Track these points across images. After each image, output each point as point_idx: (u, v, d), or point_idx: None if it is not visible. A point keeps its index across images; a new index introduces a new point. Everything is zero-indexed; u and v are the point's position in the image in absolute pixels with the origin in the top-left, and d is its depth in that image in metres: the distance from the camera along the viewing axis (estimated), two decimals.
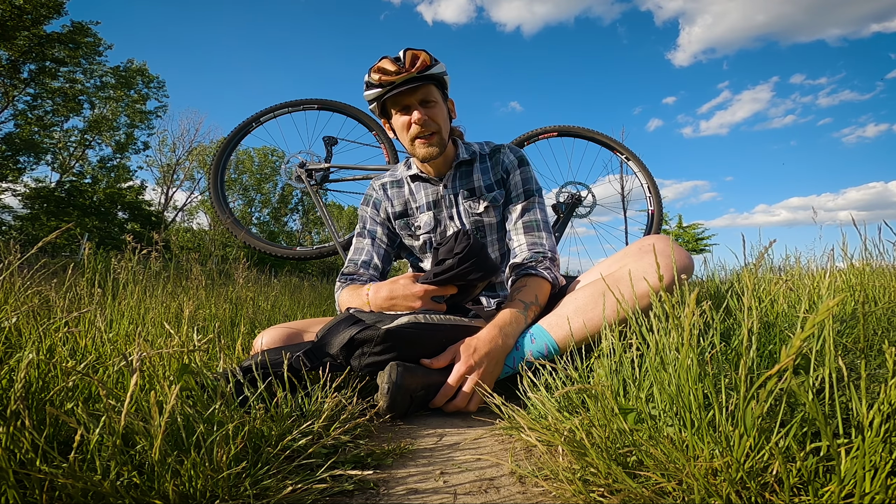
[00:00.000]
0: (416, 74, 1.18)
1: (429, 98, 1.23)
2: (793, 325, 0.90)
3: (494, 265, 1.09)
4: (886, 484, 0.43)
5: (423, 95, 1.22)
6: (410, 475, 0.65)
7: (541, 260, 1.21)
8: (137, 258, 1.46)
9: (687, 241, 14.33)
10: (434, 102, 1.24)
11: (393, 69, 1.17)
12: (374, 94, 1.22)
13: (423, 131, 1.23)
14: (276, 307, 2.21)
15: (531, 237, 1.27)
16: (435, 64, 1.21)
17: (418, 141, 1.25)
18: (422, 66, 1.17)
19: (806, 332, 0.43)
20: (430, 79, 1.21)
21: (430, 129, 1.24)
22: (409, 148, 1.29)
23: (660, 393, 0.62)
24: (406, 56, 1.18)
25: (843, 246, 1.47)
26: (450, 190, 1.34)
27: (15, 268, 1.04)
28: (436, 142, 1.25)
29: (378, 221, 1.40)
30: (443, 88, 1.28)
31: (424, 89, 1.22)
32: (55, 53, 14.71)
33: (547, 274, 1.17)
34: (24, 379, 0.54)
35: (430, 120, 1.23)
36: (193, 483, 0.51)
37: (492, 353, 0.96)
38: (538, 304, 1.10)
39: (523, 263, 1.21)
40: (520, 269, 1.20)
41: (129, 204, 18.14)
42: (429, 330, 0.95)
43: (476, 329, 1.02)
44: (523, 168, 1.35)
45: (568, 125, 2.70)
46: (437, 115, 1.24)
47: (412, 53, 1.18)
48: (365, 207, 1.43)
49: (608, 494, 0.53)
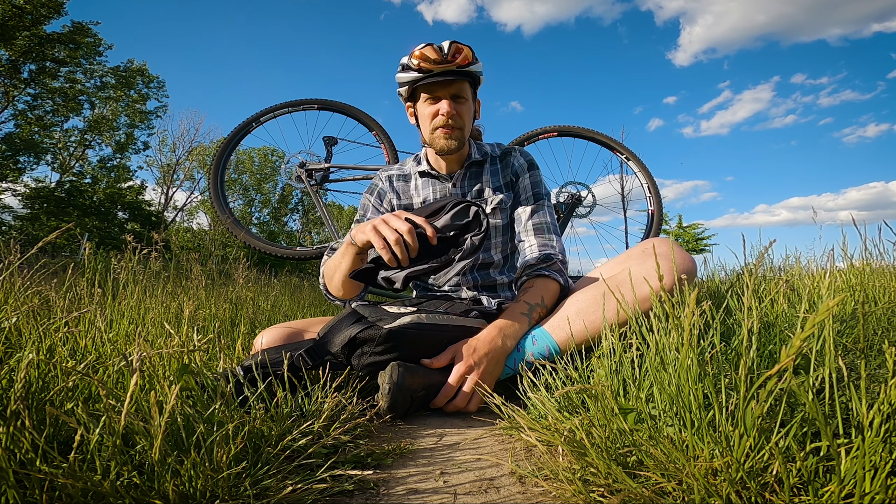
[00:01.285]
0: (456, 68, 1.18)
1: (461, 94, 1.23)
2: (793, 325, 0.90)
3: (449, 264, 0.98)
4: (886, 484, 0.43)
5: (456, 90, 1.22)
6: (410, 475, 0.65)
7: (552, 262, 1.20)
8: (137, 258, 1.46)
9: (687, 241, 14.33)
10: (465, 99, 1.25)
11: (434, 58, 1.17)
12: (409, 77, 1.22)
13: (448, 124, 1.23)
14: (276, 307, 2.21)
15: (542, 238, 1.26)
16: (475, 62, 1.22)
17: (440, 131, 1.25)
18: (463, 60, 1.18)
19: (806, 332, 0.43)
20: (467, 75, 1.22)
21: (456, 124, 1.24)
22: (428, 137, 1.28)
23: (660, 393, 0.62)
24: (450, 48, 1.18)
25: (843, 246, 1.47)
26: (458, 189, 1.35)
27: (15, 268, 1.04)
28: (456, 136, 1.25)
29: (381, 211, 1.38)
30: (475, 87, 1.29)
31: (459, 84, 1.22)
32: (55, 53, 14.70)
33: (558, 276, 1.17)
34: (24, 379, 0.54)
35: (457, 115, 1.24)
36: (193, 483, 0.51)
37: (491, 354, 0.96)
38: (544, 305, 1.09)
39: (535, 264, 1.20)
40: (531, 269, 1.19)
41: (129, 204, 18.14)
42: (431, 330, 0.95)
43: (477, 330, 1.02)
44: (533, 172, 1.35)
45: (568, 125, 2.70)
46: (464, 111, 1.25)
47: (456, 46, 1.18)
48: (368, 196, 1.42)
49: (608, 494, 0.53)
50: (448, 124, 1.23)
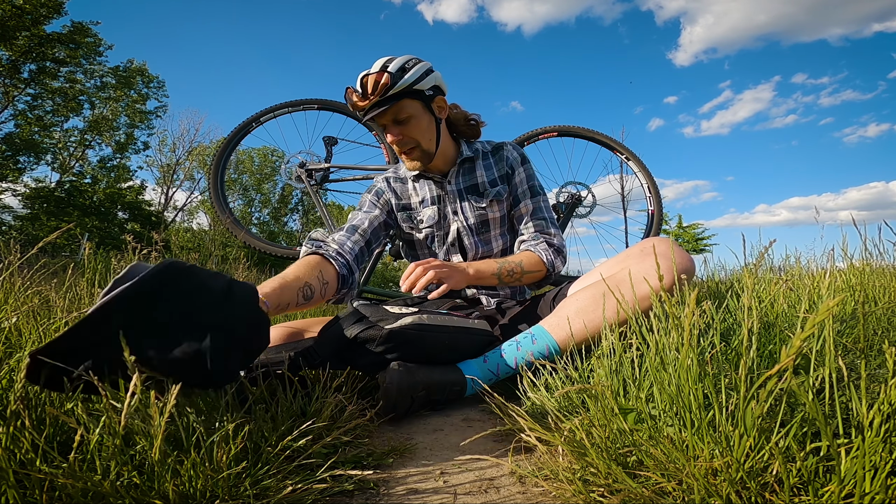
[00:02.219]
0: (380, 98, 1.18)
1: (400, 116, 1.22)
2: (793, 325, 0.90)
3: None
4: (886, 484, 0.43)
5: (393, 115, 1.22)
6: (410, 475, 0.65)
7: (541, 241, 1.30)
8: (137, 258, 1.46)
9: (687, 241, 14.33)
10: (408, 117, 1.22)
11: (357, 98, 1.20)
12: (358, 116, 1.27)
13: (401, 148, 1.26)
14: None
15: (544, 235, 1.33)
16: (399, 79, 1.17)
17: (403, 156, 1.29)
18: (381, 89, 1.16)
19: (806, 332, 0.43)
20: (397, 97, 1.19)
21: (408, 144, 1.26)
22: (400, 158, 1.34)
23: (660, 393, 0.62)
24: (366, 83, 1.17)
25: (844, 246, 1.47)
26: (454, 186, 1.36)
27: (15, 268, 1.04)
28: (417, 156, 1.27)
29: (378, 205, 1.37)
30: (419, 98, 1.23)
31: (394, 109, 1.20)
32: (55, 53, 14.68)
33: (543, 255, 1.27)
34: (24, 379, 0.54)
35: (405, 138, 1.24)
36: (193, 483, 0.51)
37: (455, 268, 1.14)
38: (521, 267, 1.23)
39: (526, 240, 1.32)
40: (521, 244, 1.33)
41: (129, 204, 18.13)
42: (432, 331, 0.95)
43: (479, 331, 1.03)
44: (526, 165, 1.39)
45: (568, 125, 2.70)
46: (412, 130, 1.24)
47: (371, 79, 1.17)
48: (366, 195, 1.42)
49: (608, 494, 0.53)
50: (403, 149, 1.27)
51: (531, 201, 1.35)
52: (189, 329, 0.60)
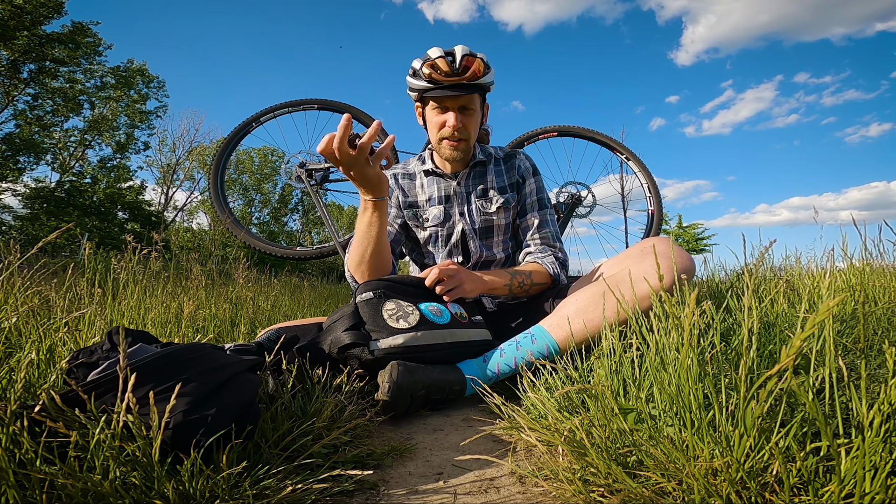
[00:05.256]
0: (466, 83, 1.19)
1: (469, 106, 1.24)
2: (793, 325, 0.90)
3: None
4: (886, 484, 0.43)
5: (464, 102, 1.23)
6: (410, 475, 0.65)
7: (548, 254, 1.31)
8: (137, 258, 1.46)
9: (687, 241, 14.31)
10: (472, 111, 1.25)
11: (445, 70, 1.17)
12: (418, 85, 1.23)
13: (454, 136, 1.25)
14: (276, 307, 2.21)
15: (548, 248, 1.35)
16: (487, 72, 1.22)
17: (446, 142, 1.28)
18: (472, 75, 1.18)
19: (806, 332, 0.43)
20: (477, 88, 1.22)
21: (462, 136, 1.26)
22: (435, 144, 1.32)
23: (660, 393, 0.62)
24: (461, 61, 1.18)
25: (844, 246, 1.47)
26: (463, 187, 1.36)
27: (15, 268, 1.04)
28: (462, 147, 1.28)
29: (391, 203, 1.39)
30: (484, 96, 1.30)
31: (468, 97, 1.22)
32: (55, 53, 14.67)
33: (550, 268, 1.28)
34: (23, 379, 0.54)
35: (463, 127, 1.25)
36: (193, 483, 0.50)
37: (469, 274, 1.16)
38: (531, 279, 1.24)
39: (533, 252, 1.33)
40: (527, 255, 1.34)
41: (129, 204, 18.13)
42: (422, 352, 0.95)
43: (478, 343, 1.03)
44: (537, 177, 1.40)
45: (568, 125, 2.70)
46: (471, 123, 1.26)
47: (468, 59, 1.18)
48: None
49: (608, 494, 0.53)
50: (454, 136, 1.25)
51: (539, 213, 1.36)
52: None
